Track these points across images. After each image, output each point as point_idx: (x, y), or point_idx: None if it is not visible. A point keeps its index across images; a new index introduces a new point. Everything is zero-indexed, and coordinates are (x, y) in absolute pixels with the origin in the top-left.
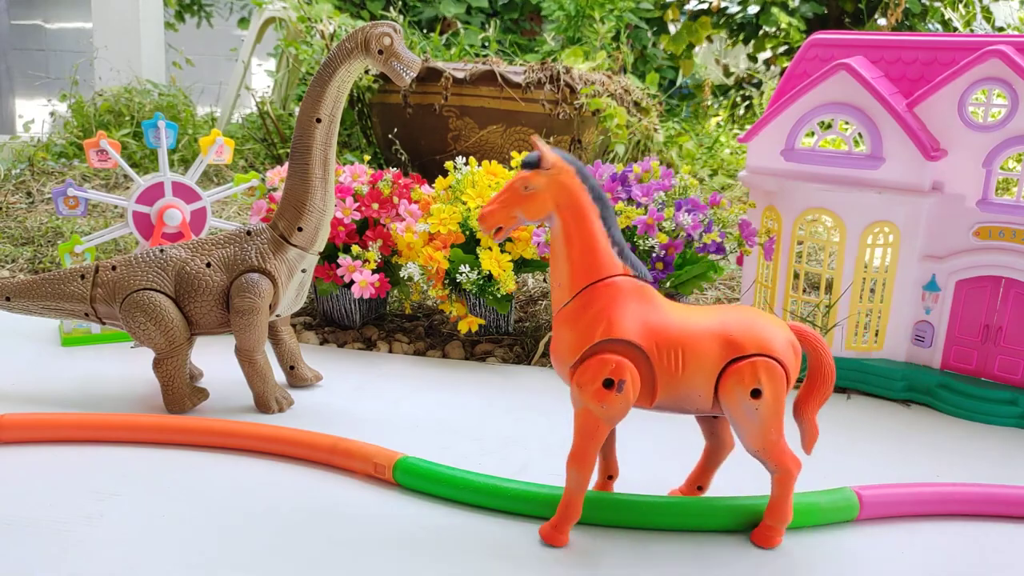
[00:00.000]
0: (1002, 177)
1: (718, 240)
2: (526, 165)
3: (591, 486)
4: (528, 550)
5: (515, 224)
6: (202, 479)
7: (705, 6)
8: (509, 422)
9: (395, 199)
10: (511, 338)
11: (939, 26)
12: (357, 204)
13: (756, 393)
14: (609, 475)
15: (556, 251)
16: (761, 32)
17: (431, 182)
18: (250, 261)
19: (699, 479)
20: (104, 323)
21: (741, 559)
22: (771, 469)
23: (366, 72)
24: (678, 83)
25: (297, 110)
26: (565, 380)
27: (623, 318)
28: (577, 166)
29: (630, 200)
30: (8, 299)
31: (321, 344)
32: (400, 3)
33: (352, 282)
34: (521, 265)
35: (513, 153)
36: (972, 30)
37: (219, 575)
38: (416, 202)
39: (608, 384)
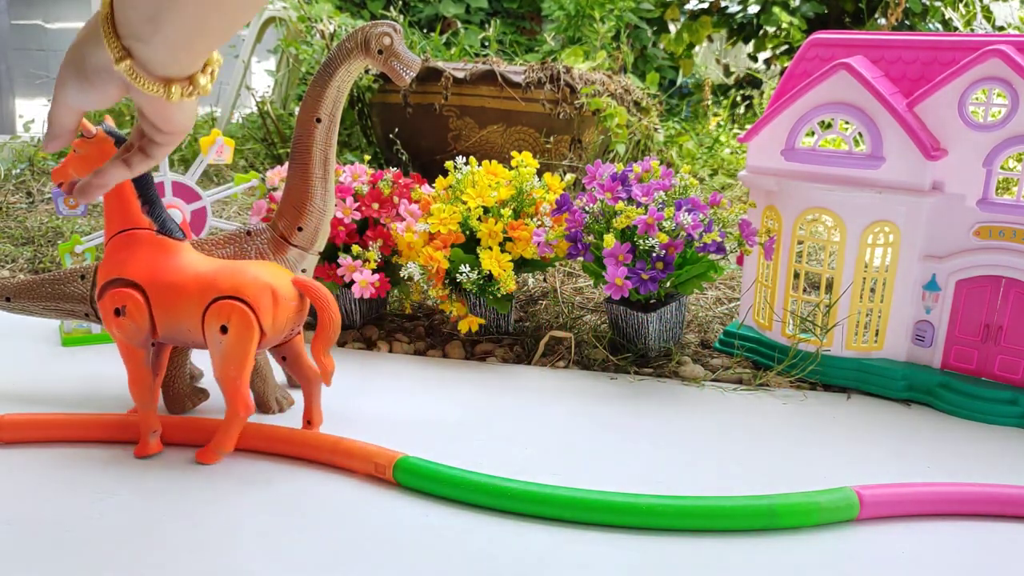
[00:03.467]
0: (1002, 177)
1: (718, 240)
2: (82, 135)
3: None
4: (528, 549)
5: (71, 179)
6: (201, 479)
7: (705, 5)
8: (509, 422)
9: (395, 199)
10: (511, 338)
11: (939, 26)
12: (357, 204)
13: (224, 329)
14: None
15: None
16: (761, 32)
17: (431, 182)
18: None
19: (306, 415)
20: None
21: (738, 559)
22: (226, 403)
23: (366, 72)
24: (678, 83)
25: (297, 110)
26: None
27: (131, 262)
28: (117, 137)
29: (630, 200)
30: (8, 299)
31: None
32: (400, 3)
33: (352, 282)
34: (521, 265)
35: (513, 153)
36: (972, 30)
37: (218, 574)
38: (416, 202)
39: (117, 312)
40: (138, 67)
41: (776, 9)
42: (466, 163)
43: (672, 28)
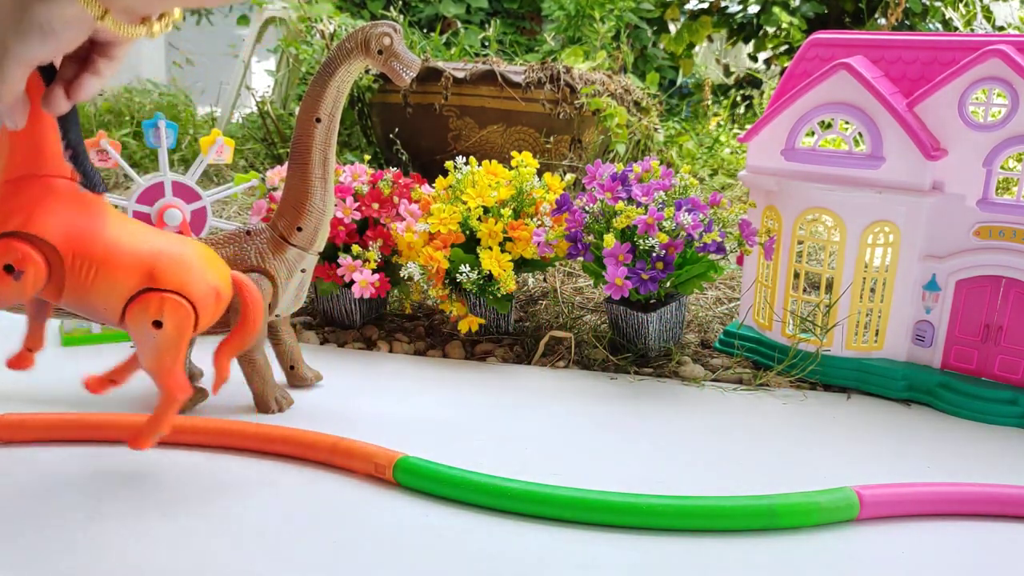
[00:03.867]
0: (1002, 177)
1: (718, 240)
2: None
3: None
4: (528, 549)
5: None
6: (201, 479)
7: (705, 5)
8: (509, 422)
9: (395, 199)
10: (511, 338)
11: (939, 26)
12: (357, 204)
13: (158, 324)
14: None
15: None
16: (761, 32)
17: (431, 182)
18: (249, 261)
19: (111, 374)
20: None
21: (738, 559)
22: (159, 388)
23: (366, 72)
24: (678, 83)
25: (297, 110)
26: None
27: (47, 217)
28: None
29: (630, 200)
30: None
31: (321, 344)
32: (400, 3)
33: (352, 282)
34: (521, 265)
35: (513, 153)
36: (972, 29)
37: (218, 574)
38: (416, 202)
39: (8, 269)
40: (118, 16)
41: (776, 9)
42: (466, 163)
43: (672, 28)
